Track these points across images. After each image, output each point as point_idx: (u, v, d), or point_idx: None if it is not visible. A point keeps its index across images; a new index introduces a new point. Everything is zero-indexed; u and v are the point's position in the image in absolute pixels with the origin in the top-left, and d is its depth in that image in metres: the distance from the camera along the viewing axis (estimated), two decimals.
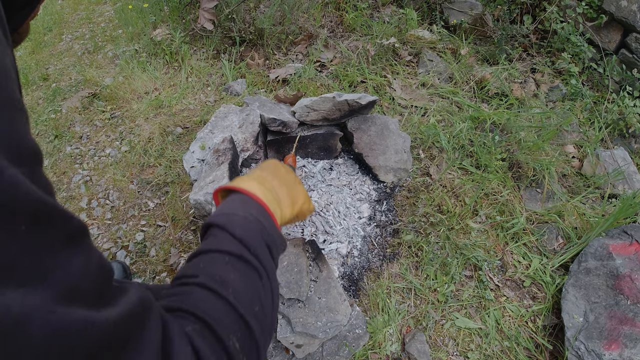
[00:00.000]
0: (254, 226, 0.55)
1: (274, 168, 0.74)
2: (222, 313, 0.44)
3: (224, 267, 0.49)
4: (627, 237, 1.43)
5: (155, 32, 2.56)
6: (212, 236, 0.54)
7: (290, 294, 1.15)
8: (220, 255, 0.51)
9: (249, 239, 0.53)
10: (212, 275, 0.47)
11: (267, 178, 0.69)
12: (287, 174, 0.75)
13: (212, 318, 0.43)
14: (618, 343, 1.18)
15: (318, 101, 1.57)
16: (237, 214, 0.55)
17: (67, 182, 1.85)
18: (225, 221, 0.54)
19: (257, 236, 0.55)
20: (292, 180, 0.75)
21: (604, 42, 2.28)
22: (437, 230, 1.52)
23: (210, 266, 0.49)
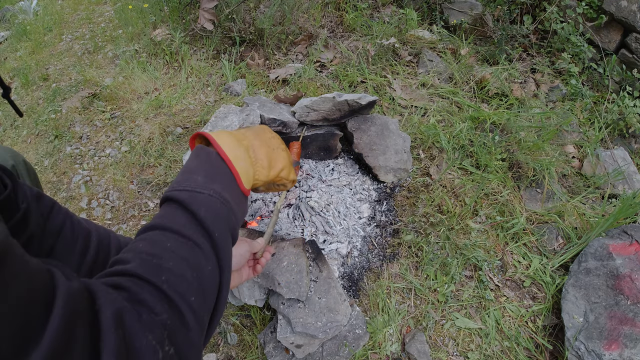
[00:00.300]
0: (221, 210, 0.54)
1: (260, 130, 0.74)
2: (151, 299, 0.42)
3: (165, 250, 0.47)
4: (627, 237, 1.43)
5: (155, 32, 2.56)
6: (170, 210, 0.52)
7: (290, 294, 1.15)
8: (169, 236, 0.49)
9: (212, 224, 0.51)
10: (148, 260, 0.45)
11: (248, 136, 0.68)
12: (271, 139, 0.73)
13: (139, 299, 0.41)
14: (618, 343, 1.18)
15: (318, 101, 1.57)
16: (202, 192, 0.53)
17: (67, 182, 1.85)
18: (188, 199, 0.52)
19: (221, 222, 0.53)
20: (275, 144, 0.73)
21: (604, 42, 2.28)
22: (437, 230, 1.52)
23: (151, 247, 0.47)
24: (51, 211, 0.65)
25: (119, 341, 0.34)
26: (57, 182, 1.86)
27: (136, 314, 0.39)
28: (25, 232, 0.59)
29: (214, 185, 0.55)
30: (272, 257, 1.24)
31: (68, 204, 1.76)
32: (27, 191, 0.62)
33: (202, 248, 0.49)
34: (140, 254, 0.46)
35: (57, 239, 0.64)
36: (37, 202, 0.63)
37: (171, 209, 0.52)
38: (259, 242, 0.89)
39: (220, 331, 1.34)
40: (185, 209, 0.51)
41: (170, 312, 0.42)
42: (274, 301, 1.21)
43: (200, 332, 0.45)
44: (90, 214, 1.70)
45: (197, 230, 0.50)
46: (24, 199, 0.60)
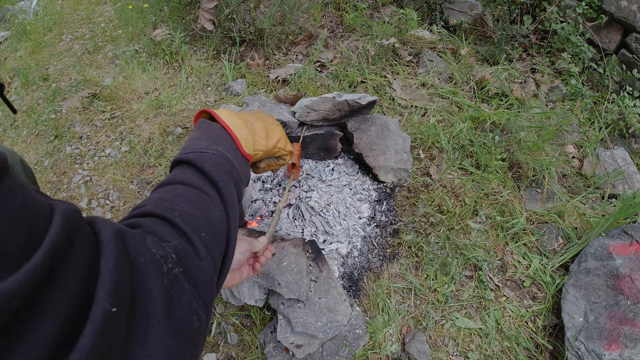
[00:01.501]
0: (224, 164, 0.61)
1: (255, 111, 0.82)
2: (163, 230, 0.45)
3: (177, 196, 0.52)
4: (627, 237, 1.43)
5: (155, 32, 2.56)
6: (179, 169, 0.59)
7: (290, 294, 1.15)
8: (178, 187, 0.54)
9: (217, 175, 0.57)
10: (160, 203, 0.50)
11: (245, 114, 0.76)
12: (266, 117, 0.81)
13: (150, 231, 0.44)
14: (618, 343, 1.18)
15: (318, 101, 1.57)
16: (206, 152, 0.60)
17: (67, 182, 1.85)
18: (194, 158, 0.58)
19: (225, 174, 0.59)
20: (271, 121, 0.81)
21: (604, 42, 2.28)
22: (437, 230, 1.52)
23: (164, 194, 0.52)
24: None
25: (119, 253, 0.35)
26: (57, 182, 1.86)
27: (141, 237, 0.41)
28: None
29: (217, 147, 0.62)
30: (272, 257, 1.24)
31: None
32: None
33: (210, 195, 0.54)
34: (155, 200, 0.51)
35: None
36: None
37: (180, 169, 0.59)
38: (260, 241, 0.90)
39: (220, 331, 1.34)
40: (192, 166, 0.58)
41: (180, 240, 0.45)
42: (274, 301, 1.21)
43: (212, 266, 0.48)
44: (90, 214, 1.70)
45: (205, 181, 0.56)
46: None
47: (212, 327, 1.34)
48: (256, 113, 0.80)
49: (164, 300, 0.38)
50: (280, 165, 0.88)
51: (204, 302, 0.44)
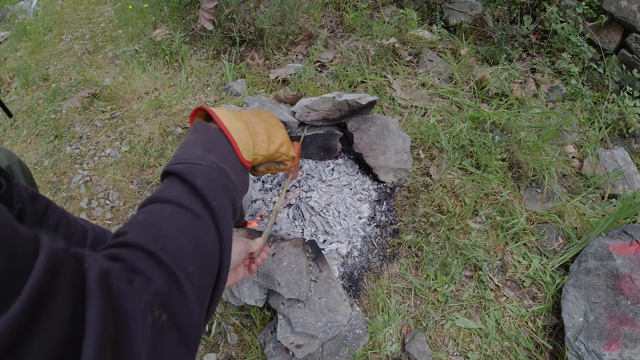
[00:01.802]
0: (219, 178, 0.54)
1: (257, 110, 0.75)
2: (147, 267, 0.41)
3: (163, 220, 0.47)
4: (627, 237, 1.43)
5: (155, 32, 2.56)
6: (169, 183, 0.53)
7: (290, 294, 1.15)
8: (166, 207, 0.49)
9: (210, 193, 0.51)
10: (145, 229, 0.45)
11: (247, 114, 0.69)
12: (269, 117, 0.74)
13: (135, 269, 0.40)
14: (618, 343, 1.18)
15: (318, 101, 1.57)
16: (199, 164, 0.54)
17: (67, 182, 1.85)
18: (185, 170, 0.52)
19: (219, 191, 0.53)
20: (273, 122, 0.74)
21: (604, 42, 2.28)
22: (437, 231, 1.52)
23: (150, 217, 0.48)
24: (46, 210, 0.66)
25: (105, 302, 0.33)
26: (57, 182, 1.86)
27: (126, 279, 0.38)
28: None
29: (212, 157, 0.56)
30: (272, 257, 1.24)
31: (68, 204, 1.76)
32: (22, 191, 0.62)
33: (200, 217, 0.49)
34: (139, 224, 0.46)
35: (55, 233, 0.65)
36: (33, 202, 0.63)
37: (170, 182, 0.53)
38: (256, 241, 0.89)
39: (220, 331, 1.34)
40: (183, 180, 0.52)
41: (166, 279, 0.41)
42: (274, 301, 1.21)
43: (200, 304, 0.45)
44: (90, 214, 1.70)
45: (196, 199, 0.50)
46: (19, 199, 0.60)
47: (212, 327, 1.34)
48: (258, 113, 0.74)
49: (149, 351, 0.36)
50: (280, 170, 0.81)
51: (190, 347, 0.42)
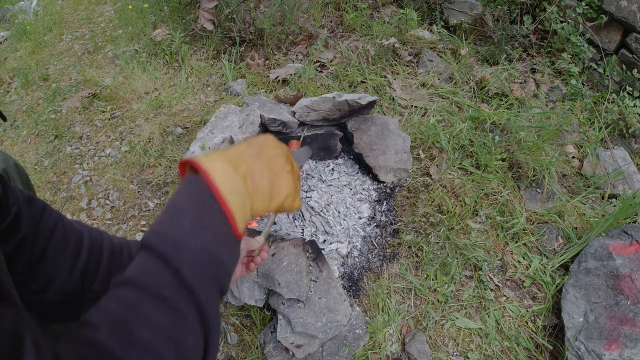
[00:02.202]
0: (209, 265, 0.46)
1: (263, 145, 0.61)
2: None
3: (141, 317, 0.40)
4: (627, 237, 1.43)
5: (155, 32, 2.56)
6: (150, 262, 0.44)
7: (290, 294, 1.15)
8: (145, 298, 0.41)
9: (198, 285, 0.44)
10: (118, 328, 0.39)
11: (247, 159, 0.56)
12: (276, 157, 0.60)
13: None
14: (618, 343, 1.18)
15: (318, 101, 1.57)
16: (187, 244, 0.45)
17: (67, 182, 1.85)
18: (170, 252, 0.44)
19: (208, 282, 0.45)
20: (280, 167, 0.60)
21: (604, 42, 2.28)
22: (437, 231, 1.52)
23: (124, 311, 0.41)
24: (42, 214, 0.65)
25: None
26: (57, 182, 1.86)
27: None
28: (16, 236, 0.59)
29: (202, 234, 0.47)
30: (272, 257, 1.24)
31: (68, 204, 1.76)
32: (18, 194, 0.61)
33: (184, 315, 0.42)
34: (111, 320, 0.40)
35: (49, 241, 0.64)
36: (29, 205, 0.62)
37: (151, 262, 0.45)
38: (257, 240, 0.89)
39: (221, 331, 1.34)
40: (166, 264, 0.43)
41: None
42: (274, 301, 1.21)
43: None
44: (90, 214, 1.70)
45: (180, 291, 0.42)
46: (15, 203, 0.59)
47: None
48: (263, 151, 0.59)
49: None
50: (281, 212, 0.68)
51: None
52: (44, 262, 0.62)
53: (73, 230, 0.68)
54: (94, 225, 1.66)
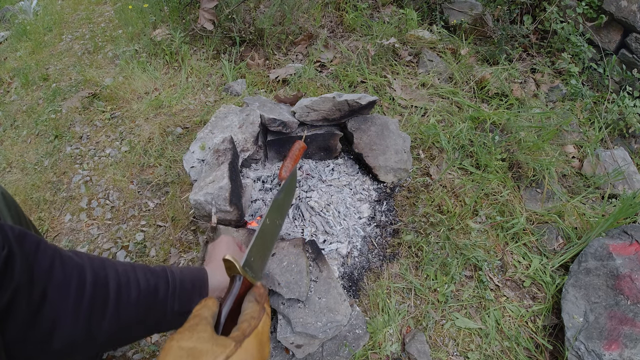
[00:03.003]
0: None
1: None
2: None
3: None
4: (627, 237, 1.43)
5: (155, 32, 2.56)
6: None
7: (290, 294, 1.15)
8: None
9: None
10: None
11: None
12: None
13: None
14: (618, 343, 1.18)
15: (318, 101, 1.57)
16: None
17: (67, 182, 1.85)
18: None
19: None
20: None
21: (604, 42, 2.28)
22: (437, 231, 1.52)
23: None
24: (37, 251, 0.57)
25: None
26: (57, 182, 1.86)
27: None
28: (9, 285, 0.51)
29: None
30: (272, 257, 1.24)
31: (68, 203, 1.76)
32: (7, 232, 0.54)
33: None
34: None
35: (48, 284, 0.56)
36: (20, 244, 0.55)
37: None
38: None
39: None
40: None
41: None
42: (274, 301, 1.21)
43: None
44: (90, 214, 1.70)
45: None
46: (5, 243, 0.52)
47: None
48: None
49: None
50: None
51: None
52: (45, 307, 0.55)
53: (73, 266, 0.61)
54: (93, 225, 1.66)
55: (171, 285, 0.69)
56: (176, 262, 1.50)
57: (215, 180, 1.30)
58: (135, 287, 0.64)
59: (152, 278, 0.67)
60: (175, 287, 0.69)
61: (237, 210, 1.31)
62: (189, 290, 0.70)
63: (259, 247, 0.70)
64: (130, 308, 0.63)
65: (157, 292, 0.67)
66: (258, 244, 0.69)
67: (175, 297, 0.68)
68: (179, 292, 0.69)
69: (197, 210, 1.32)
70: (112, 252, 1.56)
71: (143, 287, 0.65)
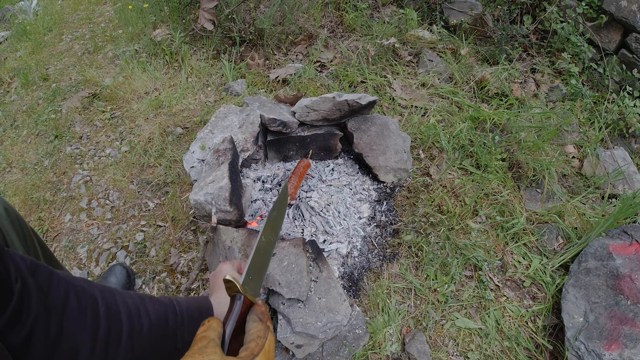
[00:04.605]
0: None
1: None
2: None
3: None
4: (627, 237, 1.43)
5: (155, 32, 2.56)
6: None
7: (290, 294, 1.15)
8: None
9: None
10: None
11: None
12: None
13: None
14: (618, 343, 1.18)
15: (318, 101, 1.57)
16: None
17: (67, 182, 1.85)
18: None
19: None
20: None
21: (604, 42, 2.28)
22: (437, 231, 1.52)
23: None
24: (51, 282, 0.56)
25: None
26: (57, 182, 1.86)
27: None
28: (27, 320, 0.50)
29: None
30: (272, 257, 1.24)
31: (68, 203, 1.76)
32: (20, 264, 0.52)
33: None
34: None
35: (64, 315, 0.55)
36: (33, 275, 0.53)
37: None
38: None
39: None
40: None
41: None
42: (274, 301, 1.21)
43: None
44: (90, 214, 1.70)
45: None
46: (18, 276, 0.50)
47: None
48: None
49: None
50: None
51: None
52: (63, 339, 0.54)
53: (87, 297, 0.59)
54: (93, 225, 1.66)
55: (179, 315, 0.69)
56: (176, 262, 1.50)
57: (215, 180, 1.30)
58: (146, 318, 0.64)
59: (161, 309, 0.68)
60: (183, 317, 0.70)
61: (237, 210, 1.31)
62: (197, 319, 0.71)
63: (256, 265, 0.71)
64: (143, 339, 0.63)
65: (167, 323, 0.67)
66: (255, 262, 0.71)
67: (184, 326, 0.69)
68: (187, 322, 0.70)
69: (197, 210, 1.32)
70: (112, 252, 1.56)
71: (153, 318, 0.65)
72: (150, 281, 1.47)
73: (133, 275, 1.46)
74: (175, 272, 1.48)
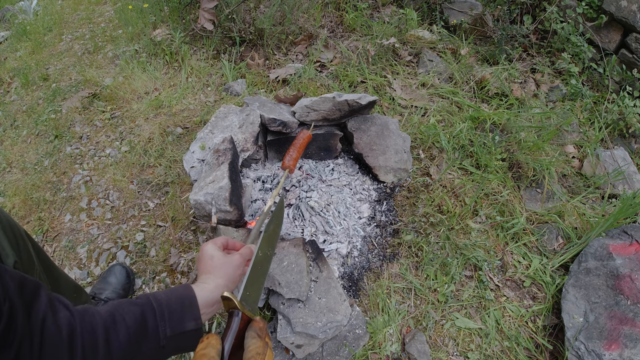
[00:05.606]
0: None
1: None
2: None
3: None
4: (627, 237, 1.43)
5: (155, 32, 2.56)
6: None
7: (290, 294, 1.15)
8: None
9: None
10: None
11: None
12: None
13: None
14: (618, 343, 1.18)
15: (318, 101, 1.57)
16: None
17: (67, 182, 1.85)
18: None
19: None
20: None
21: (604, 42, 2.28)
22: (437, 230, 1.52)
23: None
24: (34, 300, 0.57)
25: None
26: (57, 182, 1.86)
27: None
28: (13, 342, 0.51)
29: None
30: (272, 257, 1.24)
31: (68, 203, 1.76)
32: (8, 283, 0.52)
33: None
34: None
35: (44, 334, 0.56)
36: (21, 293, 0.54)
37: None
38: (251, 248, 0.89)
39: (221, 331, 1.34)
40: None
41: None
42: (274, 301, 1.21)
43: None
44: (90, 214, 1.70)
45: None
46: (6, 296, 0.51)
47: (212, 327, 1.34)
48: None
49: None
50: None
51: None
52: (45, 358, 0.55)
53: (63, 316, 0.60)
54: (93, 225, 1.66)
55: (158, 311, 0.68)
56: (176, 262, 1.50)
57: (215, 180, 1.30)
58: (122, 324, 0.64)
59: (137, 310, 0.67)
60: (162, 311, 0.68)
61: (237, 210, 1.31)
62: (178, 311, 0.69)
63: (253, 280, 0.71)
64: (122, 345, 0.62)
65: (145, 322, 0.66)
66: (252, 277, 0.71)
67: (165, 321, 0.68)
68: (167, 316, 0.68)
69: (197, 210, 1.32)
70: (112, 252, 1.56)
71: (130, 322, 0.64)
72: (150, 281, 1.47)
73: (133, 276, 1.45)
74: (175, 272, 1.48)
